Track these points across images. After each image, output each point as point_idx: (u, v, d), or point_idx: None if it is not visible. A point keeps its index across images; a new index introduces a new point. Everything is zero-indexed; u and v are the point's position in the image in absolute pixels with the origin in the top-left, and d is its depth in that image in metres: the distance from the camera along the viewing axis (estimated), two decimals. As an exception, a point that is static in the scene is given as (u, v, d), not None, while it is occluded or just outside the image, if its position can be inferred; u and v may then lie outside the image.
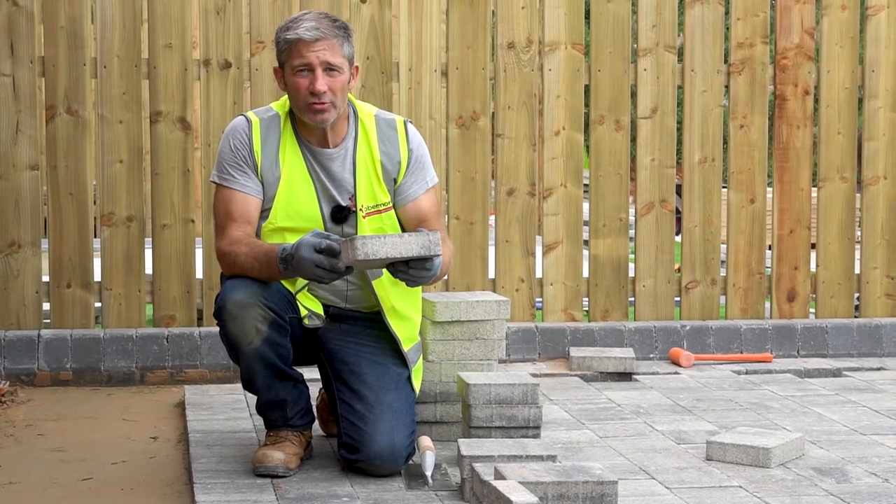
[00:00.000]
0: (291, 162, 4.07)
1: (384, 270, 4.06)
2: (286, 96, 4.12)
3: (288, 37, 4.00)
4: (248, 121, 4.10)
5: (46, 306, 5.67)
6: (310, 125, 4.06)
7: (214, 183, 4.11)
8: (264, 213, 4.07)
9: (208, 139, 5.63)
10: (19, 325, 5.58)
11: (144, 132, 5.72)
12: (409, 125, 4.18)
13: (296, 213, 4.04)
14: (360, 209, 4.06)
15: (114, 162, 5.61)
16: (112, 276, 5.62)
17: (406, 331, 4.15)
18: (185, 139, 5.64)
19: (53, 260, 5.59)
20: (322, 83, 3.96)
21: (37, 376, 5.49)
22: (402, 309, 4.14)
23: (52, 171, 5.58)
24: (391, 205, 4.12)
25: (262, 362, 3.99)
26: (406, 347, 4.13)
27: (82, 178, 5.59)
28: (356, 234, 4.04)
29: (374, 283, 4.08)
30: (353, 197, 4.08)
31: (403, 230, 4.14)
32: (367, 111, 4.17)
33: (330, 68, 3.98)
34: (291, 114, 4.11)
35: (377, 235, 3.75)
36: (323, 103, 3.98)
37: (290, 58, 4.00)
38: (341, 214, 4.07)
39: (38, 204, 5.60)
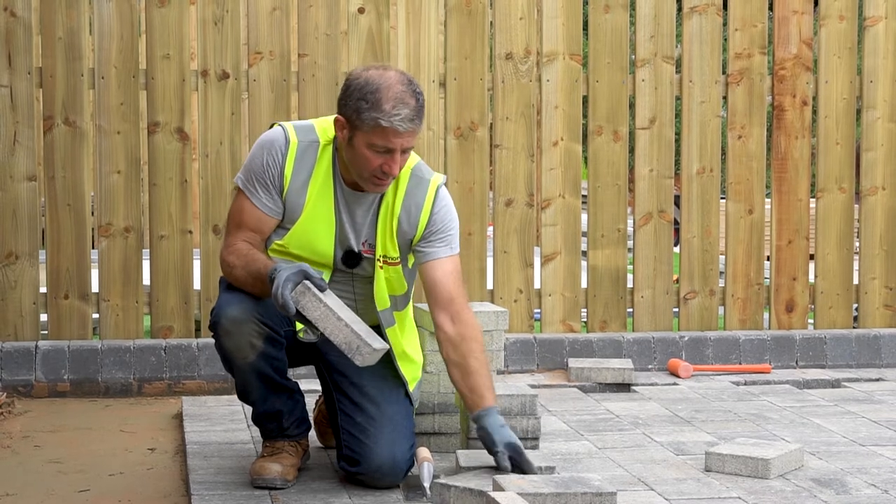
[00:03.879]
0: (319, 196, 3.96)
1: (395, 316, 4.05)
2: (331, 120, 3.98)
3: (382, 123, 3.79)
4: (287, 141, 3.95)
5: (44, 317, 5.66)
6: None
7: (238, 185, 4.03)
8: (279, 231, 4.00)
9: (206, 150, 5.63)
10: (17, 336, 5.57)
11: (142, 143, 5.72)
12: (442, 190, 4.03)
13: (308, 246, 3.98)
14: (378, 259, 3.99)
15: (111, 173, 5.61)
16: (110, 287, 5.61)
17: (412, 372, 4.14)
18: (183, 150, 5.63)
19: (51, 271, 5.59)
20: (398, 167, 3.86)
21: (34, 387, 5.48)
22: (411, 353, 4.13)
23: (50, 181, 5.57)
24: (399, 260, 4.02)
25: (257, 376, 3.97)
26: (411, 388, 4.13)
27: (80, 189, 5.58)
28: (373, 278, 4.00)
29: (388, 331, 4.05)
30: (370, 243, 4.00)
31: (426, 292, 4.03)
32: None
33: (406, 150, 3.87)
34: (334, 144, 3.97)
35: (321, 297, 3.70)
36: (387, 178, 3.89)
37: (372, 133, 3.81)
38: (352, 261, 4.00)
39: (36, 215, 5.59)
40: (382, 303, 4.02)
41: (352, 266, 4.01)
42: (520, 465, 3.78)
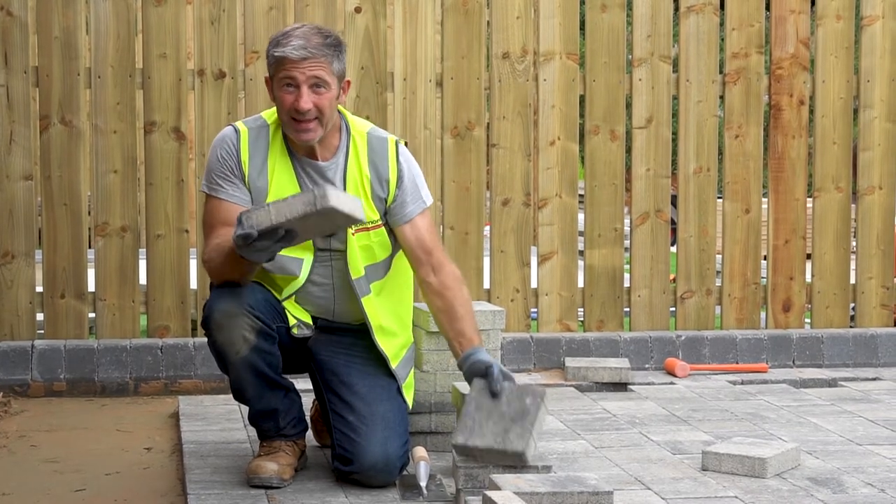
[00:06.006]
0: (280, 173, 4.05)
1: (371, 286, 4.06)
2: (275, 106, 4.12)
3: (276, 53, 3.95)
4: (237, 130, 4.07)
5: (40, 317, 5.65)
6: None
7: (204, 193, 4.11)
8: None
9: (202, 149, 5.62)
10: (13, 335, 5.56)
11: (139, 142, 5.71)
12: (401, 145, 4.13)
13: None
14: (350, 226, 4.04)
15: (108, 172, 5.60)
16: (106, 287, 5.61)
17: (393, 348, 4.14)
18: (180, 149, 5.63)
19: (47, 270, 5.58)
20: (307, 101, 3.92)
21: (30, 387, 5.47)
22: (389, 326, 4.13)
23: (46, 181, 5.57)
24: (379, 222, 4.09)
25: (251, 371, 3.98)
26: (394, 364, 4.12)
27: (76, 189, 5.57)
28: (346, 249, 4.04)
29: (364, 300, 4.07)
30: None
31: (405, 252, 4.13)
32: (361, 128, 4.12)
33: (317, 84, 3.94)
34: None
35: (264, 207, 3.69)
36: (307, 121, 3.94)
37: (277, 72, 3.97)
38: None
39: (32, 214, 5.58)
40: (356, 271, 4.05)
41: (329, 235, 4.03)
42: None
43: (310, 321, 4.13)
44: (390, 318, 4.14)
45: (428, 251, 4.09)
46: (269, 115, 4.12)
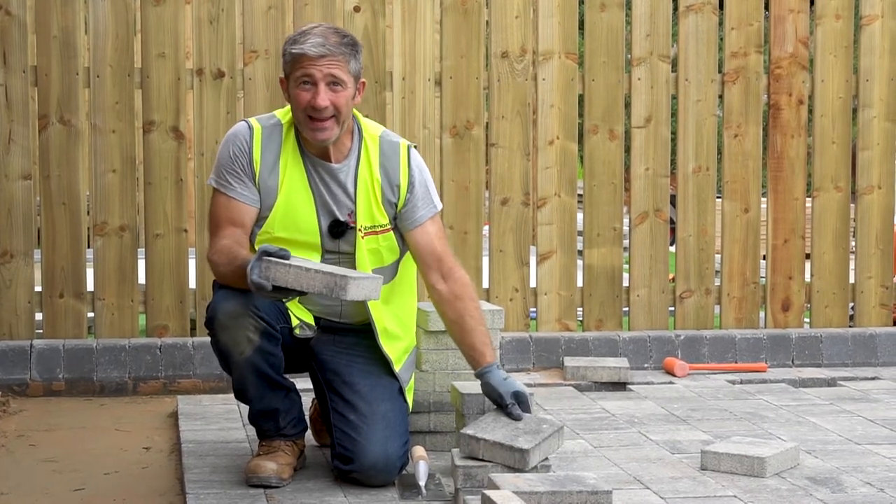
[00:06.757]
0: (292, 172, 4.03)
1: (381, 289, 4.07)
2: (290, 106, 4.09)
3: (293, 50, 3.94)
4: (250, 127, 4.05)
5: (39, 316, 5.65)
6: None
7: (212, 186, 4.09)
8: (260, 220, 4.04)
9: (201, 149, 5.62)
10: (11, 335, 5.56)
11: (137, 142, 5.71)
12: (413, 150, 4.13)
13: (293, 224, 4.02)
14: (360, 229, 4.04)
15: (107, 171, 5.60)
16: (105, 286, 5.60)
17: (396, 351, 4.14)
18: (178, 149, 5.63)
19: (46, 270, 5.58)
20: (324, 98, 3.91)
21: (29, 386, 5.47)
22: (394, 329, 4.14)
23: (45, 180, 5.56)
24: (389, 227, 4.09)
25: (254, 372, 3.97)
26: (397, 367, 4.13)
27: (75, 188, 5.57)
28: (354, 251, 4.04)
29: (370, 303, 4.07)
30: (353, 214, 4.05)
31: (414, 257, 4.14)
32: (373, 131, 4.11)
33: (334, 83, 3.93)
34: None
35: (284, 263, 3.68)
36: (323, 119, 3.94)
37: (293, 70, 3.95)
38: (339, 229, 4.04)
39: (31, 214, 5.58)
40: None
41: (338, 236, 4.04)
42: (528, 412, 3.97)
43: (312, 322, 4.13)
44: (394, 321, 4.15)
45: (438, 257, 4.09)
46: (283, 114, 4.09)
